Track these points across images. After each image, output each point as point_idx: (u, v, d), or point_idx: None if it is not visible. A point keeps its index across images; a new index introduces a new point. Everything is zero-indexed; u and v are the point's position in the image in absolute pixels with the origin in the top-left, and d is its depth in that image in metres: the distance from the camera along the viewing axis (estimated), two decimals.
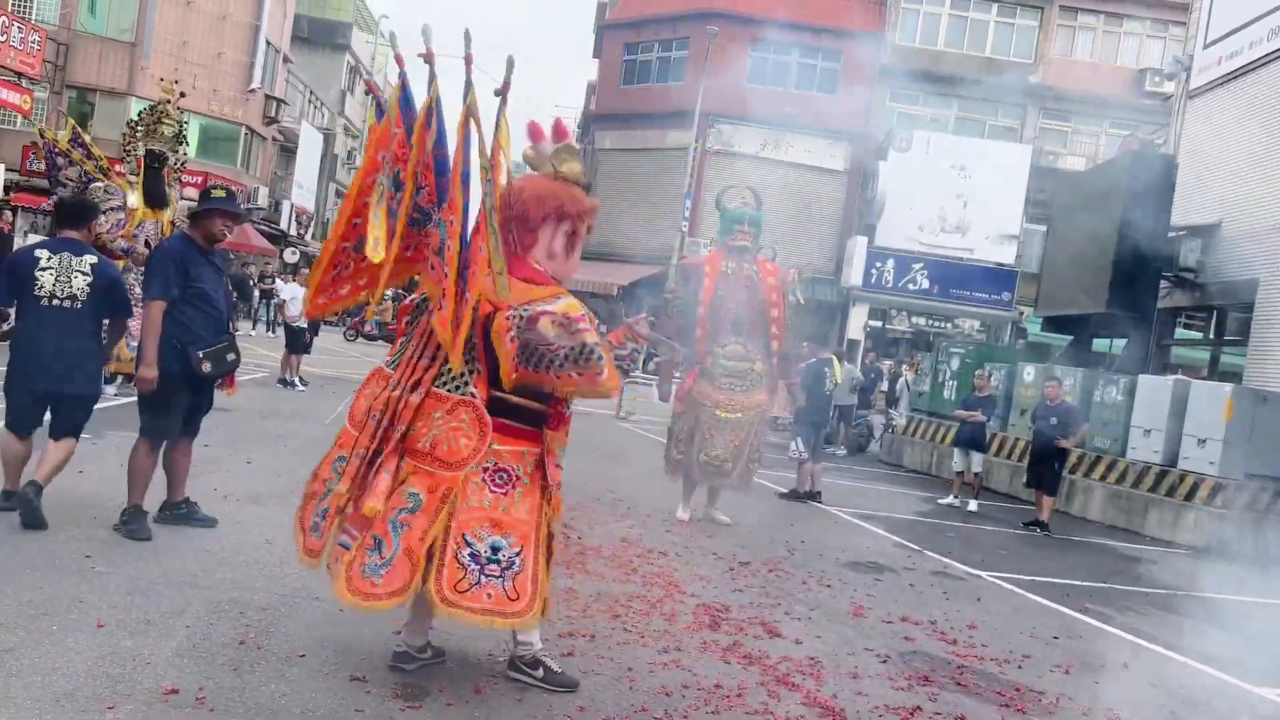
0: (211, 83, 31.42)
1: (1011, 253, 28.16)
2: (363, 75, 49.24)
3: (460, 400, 3.89)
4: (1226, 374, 16.49)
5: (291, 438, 9.96)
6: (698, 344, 8.78)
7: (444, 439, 3.85)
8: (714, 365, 8.73)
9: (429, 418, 3.89)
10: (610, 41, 35.45)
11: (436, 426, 3.87)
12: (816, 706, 4.38)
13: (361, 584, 3.75)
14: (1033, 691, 5.09)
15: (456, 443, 3.84)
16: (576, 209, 4.20)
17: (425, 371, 3.96)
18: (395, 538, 3.78)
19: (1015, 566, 8.77)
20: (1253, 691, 5.78)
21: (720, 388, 8.70)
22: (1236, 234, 15.68)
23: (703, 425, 8.70)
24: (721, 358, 8.72)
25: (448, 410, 3.88)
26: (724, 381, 8.70)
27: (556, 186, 4.18)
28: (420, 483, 3.83)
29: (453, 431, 3.86)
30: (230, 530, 5.90)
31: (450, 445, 3.84)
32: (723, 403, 8.67)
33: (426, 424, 3.88)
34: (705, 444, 8.66)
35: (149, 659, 3.85)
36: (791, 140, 31.21)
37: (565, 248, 4.22)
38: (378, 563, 3.76)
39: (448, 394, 3.91)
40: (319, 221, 44.17)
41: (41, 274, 5.50)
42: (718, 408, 8.66)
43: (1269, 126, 15.15)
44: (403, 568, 3.76)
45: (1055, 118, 31.33)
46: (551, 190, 4.17)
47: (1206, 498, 11.83)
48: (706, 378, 8.76)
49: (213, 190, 6.04)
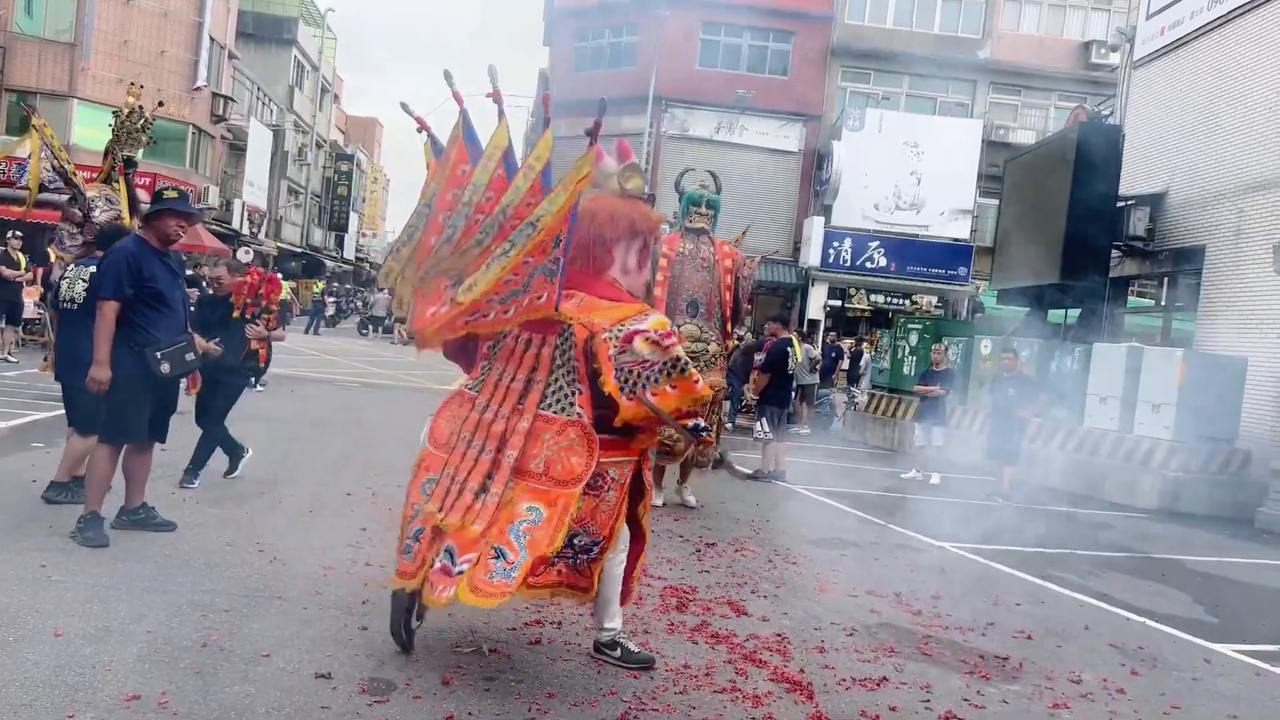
0: (155, 82, 30.78)
1: (966, 228, 28.47)
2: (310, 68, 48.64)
3: (568, 421, 4.08)
4: (1178, 340, 16.79)
5: (249, 439, 9.82)
6: None
7: (557, 459, 4.05)
8: None
9: (539, 439, 4.08)
10: (561, 28, 35.27)
11: (548, 448, 4.07)
12: (784, 682, 4.41)
13: (491, 587, 3.89)
14: (996, 658, 5.16)
15: (569, 461, 4.04)
16: (647, 225, 4.46)
17: (524, 396, 4.15)
18: (521, 548, 3.94)
19: (977, 536, 8.89)
20: (1210, 648, 5.91)
21: None
22: (1183, 202, 15.95)
23: None
24: None
25: (556, 431, 4.08)
26: None
27: (627, 205, 4.41)
28: (539, 499, 4.02)
29: (564, 451, 4.06)
30: (190, 534, 5.84)
31: (564, 465, 4.04)
32: None
33: (538, 446, 4.08)
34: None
35: (109, 666, 3.80)
36: (746, 123, 31.24)
37: (638, 263, 4.46)
38: (505, 567, 3.91)
39: (554, 415, 4.10)
40: (271, 220, 43.63)
41: (61, 283, 6.50)
42: None
43: (1211, 95, 15.41)
44: None
45: (1004, 92, 31.62)
46: (623, 209, 4.39)
47: (1162, 461, 12.06)
48: None
49: (165, 191, 5.98)
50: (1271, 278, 13.02)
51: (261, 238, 40.47)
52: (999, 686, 4.71)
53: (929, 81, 31.42)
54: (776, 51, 31.80)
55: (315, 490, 7.62)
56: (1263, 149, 14.02)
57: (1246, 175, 14.32)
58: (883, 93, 31.34)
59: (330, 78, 55.46)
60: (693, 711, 3.98)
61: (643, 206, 4.46)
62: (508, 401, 4.17)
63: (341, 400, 14.65)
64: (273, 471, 8.18)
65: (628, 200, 4.43)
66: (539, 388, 4.14)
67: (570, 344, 4.11)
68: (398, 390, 17.44)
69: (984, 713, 4.34)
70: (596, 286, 4.31)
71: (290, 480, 7.92)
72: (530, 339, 4.22)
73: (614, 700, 4.01)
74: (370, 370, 20.93)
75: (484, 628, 4.68)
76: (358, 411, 13.33)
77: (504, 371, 4.24)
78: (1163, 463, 12.05)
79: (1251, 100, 14.36)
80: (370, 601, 4.87)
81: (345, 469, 8.72)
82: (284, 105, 45.49)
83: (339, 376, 18.52)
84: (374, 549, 5.92)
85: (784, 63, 31.69)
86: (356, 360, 23.28)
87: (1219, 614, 6.93)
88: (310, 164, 50.86)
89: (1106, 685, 4.90)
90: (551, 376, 4.15)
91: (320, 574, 5.30)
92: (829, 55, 31.29)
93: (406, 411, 14.01)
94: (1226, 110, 14.96)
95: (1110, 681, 4.96)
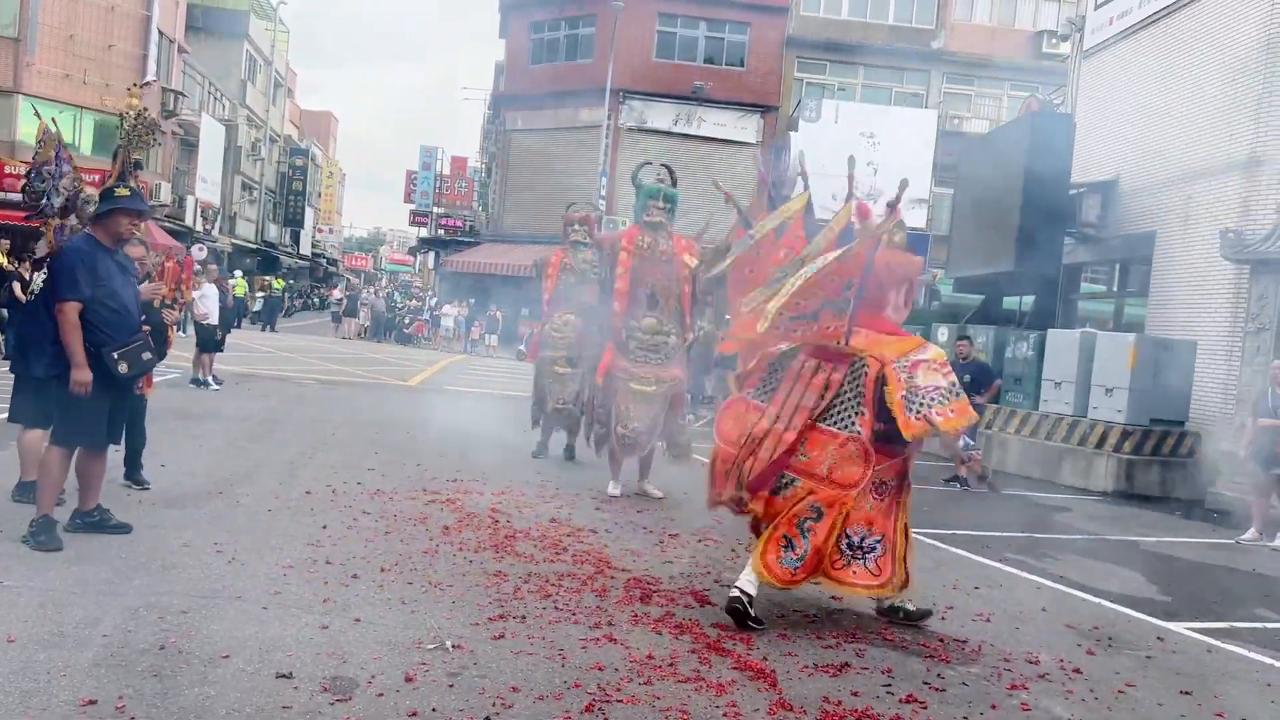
0: (103, 76, 30.22)
1: (922, 217, 28.72)
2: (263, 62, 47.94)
3: (849, 437, 5.05)
4: (1131, 325, 17.10)
5: (206, 438, 9.74)
6: (614, 319, 8.86)
7: (838, 466, 5.03)
8: (629, 339, 8.81)
9: (824, 449, 5.08)
10: (516, 20, 35.08)
11: (830, 456, 5.06)
12: (748, 670, 4.44)
13: (781, 572, 5.02)
14: (955, 641, 5.23)
15: (848, 470, 5.01)
16: (915, 271, 5.58)
17: (814, 412, 5.11)
18: (804, 540, 5.02)
19: (937, 521, 9.00)
20: (1163, 626, 6.03)
21: (636, 361, 8.80)
22: (1133, 189, 16.23)
23: (618, 399, 8.77)
24: (637, 331, 8.80)
25: (839, 445, 5.06)
26: (639, 355, 8.80)
27: (901, 256, 5.43)
28: (822, 498, 5.03)
29: (845, 461, 5.03)
30: (146, 535, 5.75)
31: (844, 472, 5.02)
32: (638, 375, 8.77)
33: (822, 453, 5.07)
34: (621, 417, 8.75)
35: (64, 671, 3.74)
36: (704, 114, 31.32)
37: (905, 301, 5.48)
38: (793, 558, 5.02)
39: (837, 431, 5.08)
40: (225, 216, 43.01)
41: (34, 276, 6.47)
42: (632, 380, 8.76)
43: (1159, 83, 15.68)
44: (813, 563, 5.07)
45: (958, 82, 31.96)
46: (898, 259, 5.40)
47: (1115, 444, 12.27)
48: (622, 352, 8.83)
49: (116, 189, 5.83)
50: (1219, 262, 13.29)
51: (215, 234, 39.88)
52: (959, 669, 4.78)
53: (884, 72, 31.67)
54: (733, 43, 31.88)
55: (274, 489, 7.54)
56: (1208, 136, 14.29)
57: (1193, 162, 14.60)
58: (838, 83, 31.54)
59: (284, 72, 54.74)
60: (657, 701, 3.99)
61: (910, 256, 5.56)
62: (799, 415, 5.11)
63: (299, 397, 14.50)
64: (230, 471, 8.08)
65: (895, 251, 5.37)
66: (824, 405, 5.10)
67: (862, 373, 5.05)
68: (357, 387, 17.30)
69: (944, 695, 4.39)
70: (877, 323, 5.25)
71: (248, 479, 7.83)
72: (820, 365, 5.18)
73: (578, 693, 4.01)
74: (327, 367, 20.74)
75: (446, 623, 4.67)
76: (316, 409, 13.20)
77: (792, 390, 5.21)
78: (1116, 445, 12.26)
79: (1197, 88, 14.62)
80: (330, 600, 4.83)
81: (304, 467, 8.63)
82: (236, 100, 44.84)
83: (295, 374, 18.33)
84: (334, 547, 5.88)
85: (741, 54, 31.79)
86: (313, 357, 23.06)
87: (1171, 593, 7.08)
88: (264, 159, 50.21)
89: (1063, 665, 4.98)
90: (838, 398, 5.08)
91: (280, 573, 5.25)
92: (785, 46, 31.42)
93: (365, 409, 13.90)
94: (1174, 98, 15.22)
95: (1067, 662, 5.05)
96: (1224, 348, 13.23)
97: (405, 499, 7.58)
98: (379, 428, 11.78)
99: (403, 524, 6.71)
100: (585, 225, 10.97)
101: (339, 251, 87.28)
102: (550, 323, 10.76)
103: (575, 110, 32.14)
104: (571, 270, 10.69)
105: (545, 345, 10.77)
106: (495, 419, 13.10)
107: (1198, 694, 4.78)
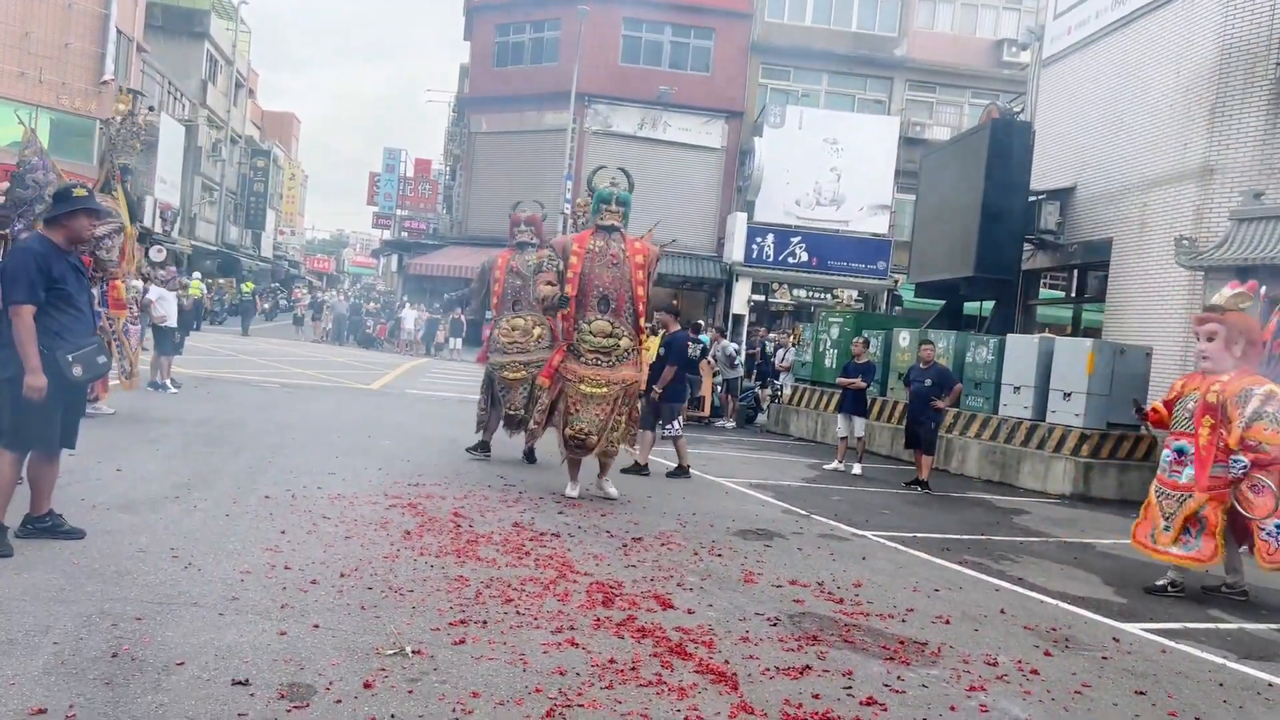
0: (60, 75, 29.79)
1: (885, 223, 28.99)
2: (224, 62, 47.38)
3: None
4: (1089, 330, 17.33)
5: (163, 442, 9.59)
6: (565, 321, 8.90)
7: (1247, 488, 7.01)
8: (580, 342, 8.82)
9: None
10: (481, 23, 34.96)
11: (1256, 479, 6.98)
12: (709, 674, 4.44)
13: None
14: (916, 643, 5.27)
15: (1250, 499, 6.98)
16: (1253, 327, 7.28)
17: None
18: None
19: (898, 525, 9.06)
20: (1118, 627, 6.12)
21: (586, 363, 8.81)
22: (1091, 196, 16.46)
23: (568, 400, 8.77)
24: (589, 334, 8.81)
25: None
26: (590, 357, 8.81)
27: (1251, 320, 7.30)
28: None
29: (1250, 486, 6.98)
30: (100, 541, 5.65)
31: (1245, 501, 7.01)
32: (588, 378, 8.78)
33: None
34: (570, 419, 8.75)
35: (13, 679, 3.66)
36: (669, 119, 31.38)
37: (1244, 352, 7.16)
38: None
39: None
40: (185, 217, 42.45)
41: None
42: (582, 382, 8.77)
43: (1116, 92, 15.92)
44: None
45: (920, 90, 32.27)
46: (1253, 323, 7.29)
47: (1073, 448, 12.43)
48: (573, 354, 8.84)
49: (74, 189, 5.73)
50: (1174, 269, 13.50)
51: (175, 236, 39.34)
52: (919, 671, 4.81)
53: (847, 79, 31.92)
54: (698, 48, 31.97)
55: (232, 493, 7.45)
56: (1164, 145, 14.53)
57: (1149, 170, 14.83)
58: (802, 90, 31.73)
59: (245, 72, 54.15)
60: (618, 706, 3.98)
61: (1252, 319, 7.30)
62: None
63: (260, 401, 14.33)
64: (188, 475, 7.97)
65: (1244, 315, 7.19)
66: None
67: None
68: (319, 390, 17.13)
69: (904, 697, 4.42)
70: (1245, 371, 7.09)
71: (206, 484, 7.73)
72: None
73: (539, 698, 4.00)
74: (289, 370, 20.52)
75: (406, 629, 4.63)
76: (276, 412, 13.05)
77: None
78: (1074, 449, 12.43)
79: (1153, 98, 14.86)
80: (289, 605, 4.77)
81: (263, 472, 8.53)
82: (196, 100, 44.30)
83: (256, 377, 18.12)
84: (292, 552, 5.81)
85: (706, 59, 31.89)
86: (276, 360, 22.80)
87: (1127, 595, 7.18)
88: (225, 160, 49.61)
89: (1021, 666, 5.03)
90: None
91: (237, 578, 5.18)
92: (749, 52, 31.58)
93: (327, 413, 13.77)
94: (1130, 107, 15.47)
95: (1025, 663, 5.10)
96: (1179, 353, 13.43)
97: (366, 503, 7.51)
98: (340, 432, 11.67)
99: (363, 529, 6.65)
100: (532, 225, 10.96)
101: (301, 254, 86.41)
102: (498, 327, 10.73)
103: (540, 113, 32.09)
104: (518, 274, 10.67)
105: (494, 350, 10.73)
106: (458, 423, 13.02)
107: (1152, 694, 4.85)
